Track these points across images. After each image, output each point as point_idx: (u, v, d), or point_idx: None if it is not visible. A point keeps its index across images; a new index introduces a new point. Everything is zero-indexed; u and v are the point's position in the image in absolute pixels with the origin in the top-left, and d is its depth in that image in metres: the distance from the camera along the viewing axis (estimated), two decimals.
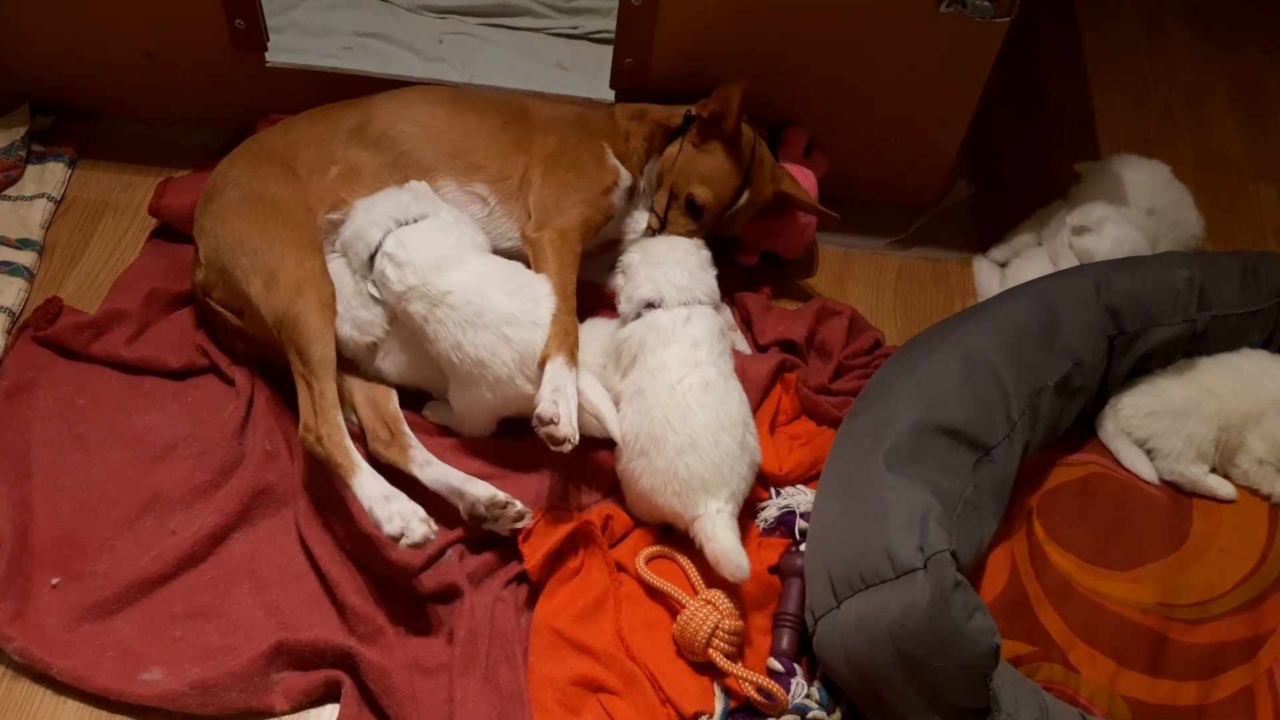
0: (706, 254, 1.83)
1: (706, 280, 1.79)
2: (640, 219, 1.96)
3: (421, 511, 1.54)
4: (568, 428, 1.59)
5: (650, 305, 1.73)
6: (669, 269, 1.76)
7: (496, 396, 1.68)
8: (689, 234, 1.88)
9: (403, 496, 1.56)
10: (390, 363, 1.78)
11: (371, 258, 1.74)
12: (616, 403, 1.71)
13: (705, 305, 1.75)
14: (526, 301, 1.69)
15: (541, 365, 1.65)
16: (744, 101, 1.82)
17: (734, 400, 1.67)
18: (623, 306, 1.79)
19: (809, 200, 2.00)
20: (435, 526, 1.55)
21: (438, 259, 1.70)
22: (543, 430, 1.60)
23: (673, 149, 1.92)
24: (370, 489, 1.56)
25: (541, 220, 1.82)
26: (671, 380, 1.65)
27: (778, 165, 1.99)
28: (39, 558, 1.60)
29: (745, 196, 1.91)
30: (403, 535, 1.52)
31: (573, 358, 1.66)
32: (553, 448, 1.60)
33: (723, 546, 1.56)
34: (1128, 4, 2.82)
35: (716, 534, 1.57)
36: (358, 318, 1.74)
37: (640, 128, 1.95)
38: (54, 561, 1.60)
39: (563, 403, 1.60)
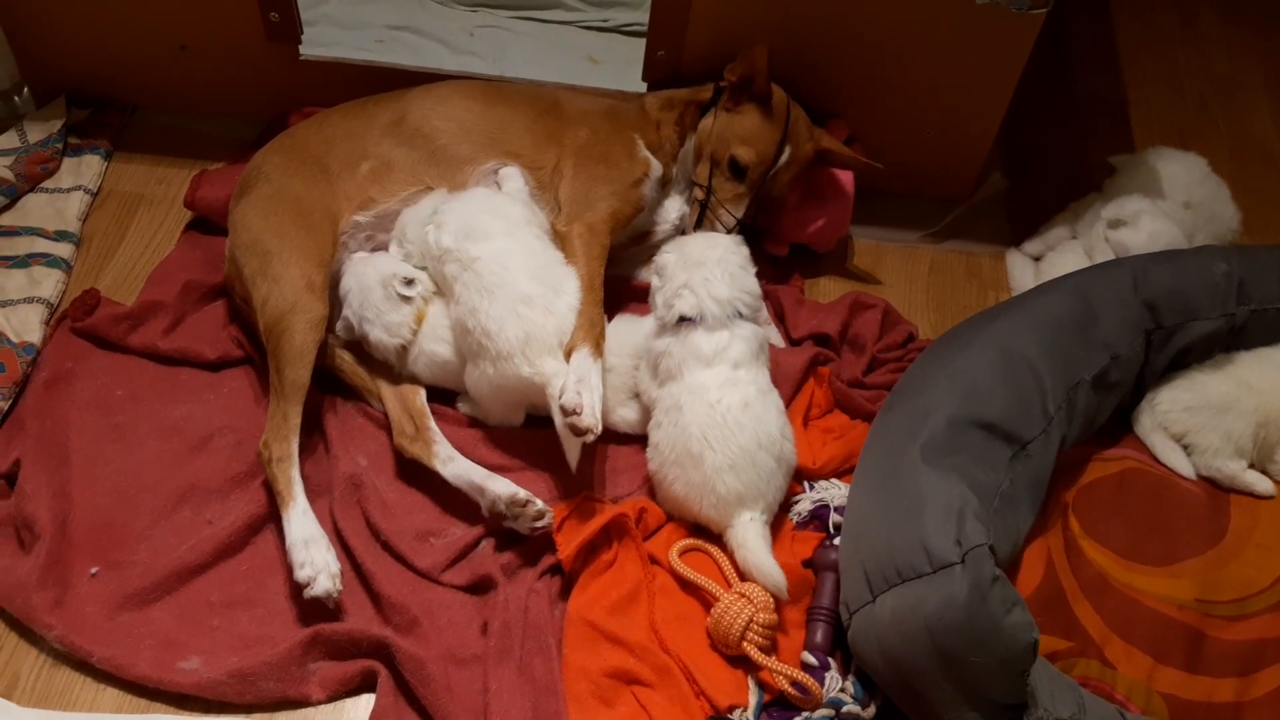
0: (745, 250, 1.77)
1: (748, 283, 1.72)
2: (672, 209, 1.96)
3: (334, 567, 1.57)
4: (590, 418, 1.60)
5: (687, 319, 1.68)
6: (710, 272, 1.69)
7: (498, 374, 1.68)
8: (736, 198, 1.89)
9: (324, 545, 1.58)
10: (423, 364, 1.78)
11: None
12: (650, 408, 1.72)
13: (746, 321, 1.70)
14: (548, 289, 1.70)
15: (567, 356, 1.65)
16: (770, 61, 1.83)
17: (772, 415, 1.66)
18: (659, 311, 1.73)
19: (850, 154, 1.99)
20: (341, 584, 1.57)
21: (471, 227, 1.74)
22: (567, 421, 1.60)
23: (707, 121, 1.93)
24: (297, 528, 1.58)
25: (571, 214, 1.82)
26: (711, 400, 1.63)
27: (814, 125, 1.98)
28: (78, 547, 1.62)
29: (787, 153, 1.90)
30: (308, 585, 1.54)
31: (598, 349, 1.67)
32: (576, 438, 1.62)
33: (756, 559, 1.59)
34: None
35: (748, 542, 1.60)
36: (387, 321, 1.75)
37: (670, 114, 1.95)
38: (93, 551, 1.62)
39: (586, 393, 1.61)
